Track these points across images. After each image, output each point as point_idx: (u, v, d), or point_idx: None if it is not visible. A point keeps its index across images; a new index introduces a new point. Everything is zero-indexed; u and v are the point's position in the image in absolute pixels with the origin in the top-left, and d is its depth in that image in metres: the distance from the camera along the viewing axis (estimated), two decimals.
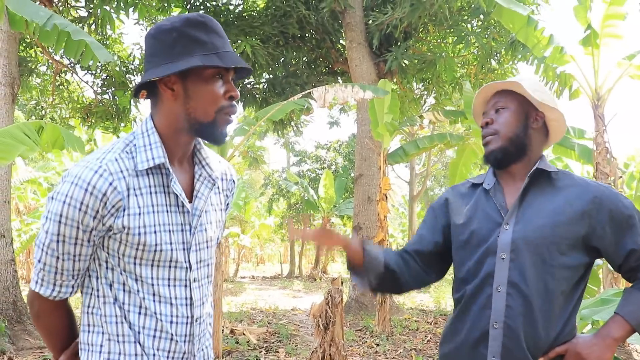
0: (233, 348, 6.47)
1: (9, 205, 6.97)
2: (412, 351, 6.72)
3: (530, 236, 1.58)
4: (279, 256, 30.73)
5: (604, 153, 7.27)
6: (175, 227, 1.37)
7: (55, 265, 1.32)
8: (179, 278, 1.38)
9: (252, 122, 6.31)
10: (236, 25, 10.18)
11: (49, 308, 1.40)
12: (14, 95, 6.99)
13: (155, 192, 1.34)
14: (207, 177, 1.45)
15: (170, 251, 1.35)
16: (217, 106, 1.32)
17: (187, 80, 1.31)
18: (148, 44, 1.35)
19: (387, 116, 7.75)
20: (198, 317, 1.42)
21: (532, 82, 1.71)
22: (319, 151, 22.21)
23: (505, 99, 1.71)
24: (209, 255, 1.48)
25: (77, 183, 1.25)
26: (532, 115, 1.69)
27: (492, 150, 1.68)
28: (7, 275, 6.70)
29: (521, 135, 1.67)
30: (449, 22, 9.89)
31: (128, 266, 1.32)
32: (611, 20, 6.91)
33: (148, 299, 1.34)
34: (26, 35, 8.75)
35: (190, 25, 1.31)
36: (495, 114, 1.71)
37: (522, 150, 1.68)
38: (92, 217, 1.26)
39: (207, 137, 1.36)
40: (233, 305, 11.55)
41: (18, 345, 6.34)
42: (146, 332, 1.34)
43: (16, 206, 16.74)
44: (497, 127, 1.69)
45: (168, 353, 1.37)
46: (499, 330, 1.55)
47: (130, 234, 1.30)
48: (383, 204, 7.97)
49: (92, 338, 1.36)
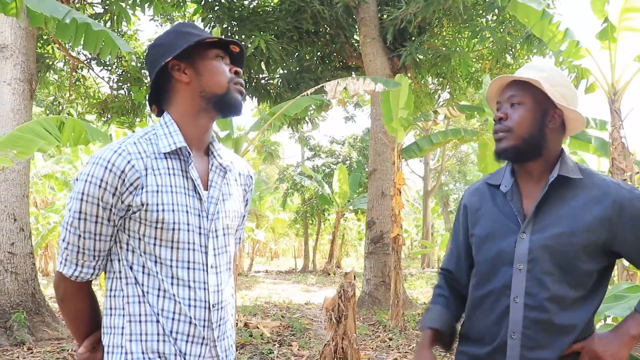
0: (247, 341, 6.54)
1: (28, 199, 7.08)
2: None
3: (548, 245, 1.52)
4: (293, 251, 30.83)
5: (620, 148, 7.20)
6: (193, 210, 1.43)
7: (77, 244, 1.39)
8: (197, 261, 1.43)
9: (267, 117, 6.35)
10: (250, 21, 10.21)
11: (74, 290, 1.47)
12: (32, 91, 7.09)
13: (174, 174, 1.42)
14: (219, 165, 1.54)
15: (187, 232, 1.41)
16: (226, 77, 1.48)
17: (195, 62, 1.47)
18: (150, 53, 1.53)
19: (402, 111, 7.74)
20: (215, 303, 1.45)
21: (554, 75, 1.59)
22: (333, 146, 22.23)
23: (522, 92, 1.57)
24: (227, 242, 1.53)
25: (98, 162, 1.35)
26: (550, 113, 1.57)
27: (504, 149, 1.58)
28: (26, 267, 6.82)
29: (536, 134, 1.56)
30: (463, 17, 9.83)
31: (148, 247, 1.38)
32: (630, 14, 6.82)
33: (167, 281, 1.39)
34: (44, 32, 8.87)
35: (183, 26, 1.52)
36: (510, 108, 1.59)
37: (537, 150, 1.57)
38: (111, 193, 1.34)
39: (226, 107, 1.49)
40: (247, 299, 11.64)
41: (37, 337, 6.45)
42: (165, 314, 1.38)
43: (34, 200, 16.98)
44: (510, 124, 1.57)
45: (187, 337, 1.41)
46: (516, 341, 1.52)
47: (148, 210, 1.36)
48: (398, 199, 7.97)
49: (114, 321, 1.41)
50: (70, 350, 5.88)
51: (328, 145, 22.44)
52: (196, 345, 1.42)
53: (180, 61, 1.46)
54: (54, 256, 17.95)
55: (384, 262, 9.59)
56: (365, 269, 10.03)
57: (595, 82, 7.78)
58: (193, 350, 1.41)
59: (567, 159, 1.60)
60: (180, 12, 11.84)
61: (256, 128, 6.45)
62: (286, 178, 21.57)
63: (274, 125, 6.41)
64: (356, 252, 32.97)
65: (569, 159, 1.61)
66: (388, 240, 9.37)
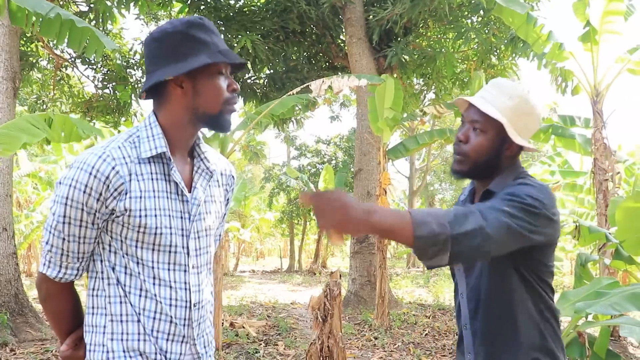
0: (233, 341, 6.53)
1: (11, 199, 7.01)
2: (410, 344, 6.78)
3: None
4: (278, 250, 30.78)
5: (602, 149, 7.32)
6: (175, 213, 1.45)
7: (61, 247, 1.41)
8: (178, 263, 1.46)
9: (253, 117, 6.35)
10: (237, 21, 10.19)
11: (56, 291, 1.49)
12: (15, 90, 7.01)
13: (157, 178, 1.43)
14: (205, 169, 1.56)
15: (169, 235, 1.43)
16: (222, 99, 1.45)
17: (195, 78, 1.42)
18: (151, 46, 1.46)
19: (388, 111, 7.77)
20: (196, 302, 1.49)
21: (521, 105, 1.62)
22: (319, 145, 22.24)
23: (485, 121, 1.61)
24: (208, 243, 1.56)
25: (83, 167, 1.36)
26: (508, 142, 1.63)
27: (458, 171, 1.67)
28: (9, 268, 6.74)
29: (492, 161, 1.63)
30: (449, 18, 9.90)
31: (130, 249, 1.41)
32: (611, 17, 6.93)
33: (148, 281, 1.42)
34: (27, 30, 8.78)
35: (192, 26, 1.43)
36: (472, 131, 1.64)
37: (489, 172, 1.66)
38: (95, 199, 1.36)
39: (215, 126, 1.49)
40: (233, 299, 11.61)
41: (20, 337, 6.39)
42: (146, 313, 1.42)
43: (17, 200, 16.78)
44: (468, 150, 1.63)
45: (168, 335, 1.44)
46: (468, 331, 1.68)
47: (132, 216, 1.38)
48: (383, 199, 8.01)
49: (96, 320, 1.44)
50: (54, 351, 5.84)
51: (314, 145, 22.46)
52: (176, 343, 1.45)
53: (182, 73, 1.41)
54: (37, 256, 17.74)
55: (370, 261, 9.62)
56: (350, 269, 10.07)
57: (578, 84, 7.89)
58: (173, 348, 1.45)
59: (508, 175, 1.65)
60: (166, 11, 11.77)
61: (242, 128, 6.45)
62: (272, 178, 21.55)
63: (260, 124, 6.41)
64: (342, 251, 32.98)
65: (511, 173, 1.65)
66: (374, 240, 9.41)
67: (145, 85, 1.45)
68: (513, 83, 1.69)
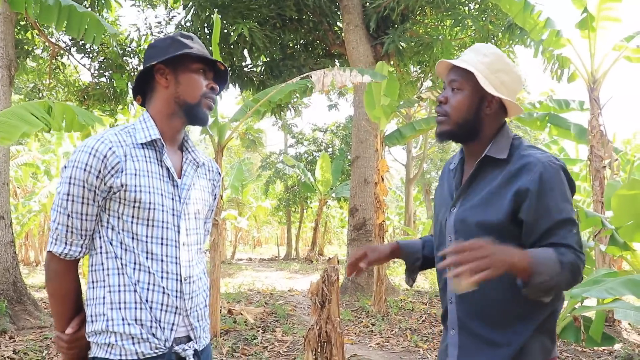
0: (231, 327, 6.58)
1: (8, 187, 7.00)
2: (407, 330, 6.84)
3: (464, 219, 1.62)
4: (275, 238, 30.86)
5: (599, 136, 7.34)
6: (167, 194, 1.63)
7: (66, 224, 1.56)
8: (170, 238, 1.61)
9: (251, 104, 6.34)
10: (233, 8, 10.14)
11: (63, 270, 1.62)
12: (11, 78, 6.98)
13: (150, 161, 1.62)
14: (193, 160, 1.77)
15: (161, 212, 1.60)
16: (201, 91, 1.69)
17: (177, 70, 1.68)
18: (147, 52, 1.72)
19: (385, 99, 7.76)
20: (187, 276, 1.63)
21: (495, 61, 1.64)
22: (316, 133, 22.22)
23: (462, 78, 1.65)
24: (197, 225, 1.73)
25: (83, 150, 1.55)
26: (487, 100, 1.64)
27: (441, 132, 1.69)
28: (7, 256, 6.76)
29: (472, 120, 1.65)
30: (446, 5, 9.87)
31: (126, 224, 1.57)
32: (608, 3, 6.93)
33: (142, 255, 1.57)
34: (23, 17, 8.72)
35: (180, 35, 1.72)
36: (451, 92, 1.67)
37: (473, 134, 1.67)
38: (95, 176, 1.53)
39: (194, 116, 1.70)
40: (230, 286, 11.66)
41: (19, 325, 6.42)
42: (141, 285, 1.56)
43: (14, 189, 16.76)
44: (448, 109, 1.66)
45: (161, 305, 1.58)
46: (453, 305, 1.67)
47: (127, 190, 1.55)
48: (382, 186, 8.02)
49: (96, 292, 1.58)
50: (52, 339, 5.86)
51: (311, 132, 22.43)
52: (170, 314, 1.59)
53: (165, 66, 1.67)
54: (34, 245, 17.76)
55: None
56: (348, 256, 10.10)
57: (575, 71, 7.89)
58: (167, 318, 1.58)
59: (501, 140, 1.65)
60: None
61: (240, 115, 6.45)
62: (269, 165, 21.55)
63: (258, 111, 6.40)
64: (339, 239, 33.11)
65: (504, 138, 1.66)
66: (371, 227, 9.45)
67: (138, 77, 1.70)
68: (490, 45, 1.69)
